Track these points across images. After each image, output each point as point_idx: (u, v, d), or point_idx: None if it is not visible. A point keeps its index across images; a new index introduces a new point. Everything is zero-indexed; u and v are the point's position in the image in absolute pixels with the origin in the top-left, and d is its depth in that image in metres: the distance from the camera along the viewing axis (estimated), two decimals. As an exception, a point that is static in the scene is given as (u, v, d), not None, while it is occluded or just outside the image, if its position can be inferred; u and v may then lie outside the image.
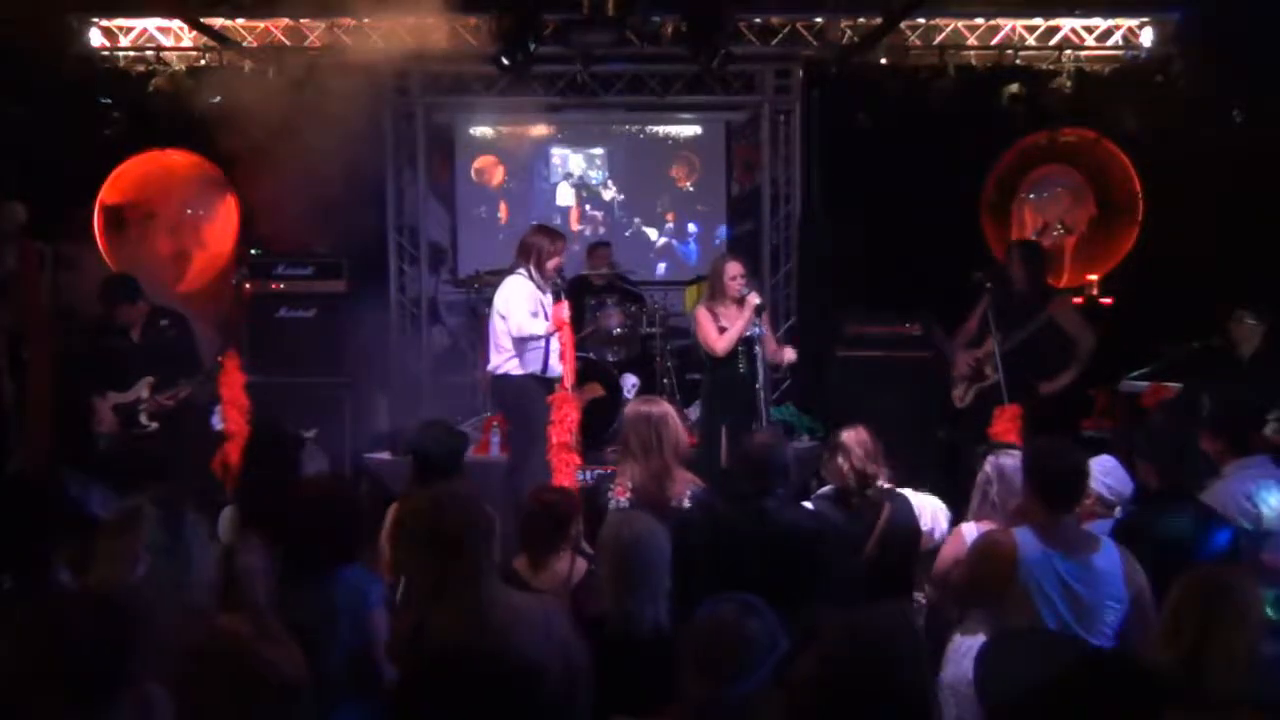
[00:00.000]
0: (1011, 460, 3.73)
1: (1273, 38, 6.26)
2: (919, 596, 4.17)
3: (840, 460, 4.07)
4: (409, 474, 4.29)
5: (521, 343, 5.76)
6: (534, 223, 6.91)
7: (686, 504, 4.07)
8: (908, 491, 4.16)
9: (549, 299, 5.85)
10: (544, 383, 5.78)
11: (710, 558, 3.58)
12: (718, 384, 6.07)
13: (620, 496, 4.14)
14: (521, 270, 5.86)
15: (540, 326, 5.72)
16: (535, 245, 5.84)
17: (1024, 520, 3.37)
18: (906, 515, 4.06)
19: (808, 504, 4.16)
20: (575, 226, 9.08)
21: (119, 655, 2.10)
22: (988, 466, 3.84)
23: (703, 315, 6.02)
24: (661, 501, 4.04)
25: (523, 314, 5.74)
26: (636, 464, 4.13)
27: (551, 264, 5.82)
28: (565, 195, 9.17)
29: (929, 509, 4.14)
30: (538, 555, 3.60)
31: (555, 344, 5.78)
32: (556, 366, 5.77)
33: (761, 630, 2.35)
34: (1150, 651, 2.66)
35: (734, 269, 5.98)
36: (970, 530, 3.75)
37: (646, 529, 3.04)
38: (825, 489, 4.25)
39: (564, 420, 5.41)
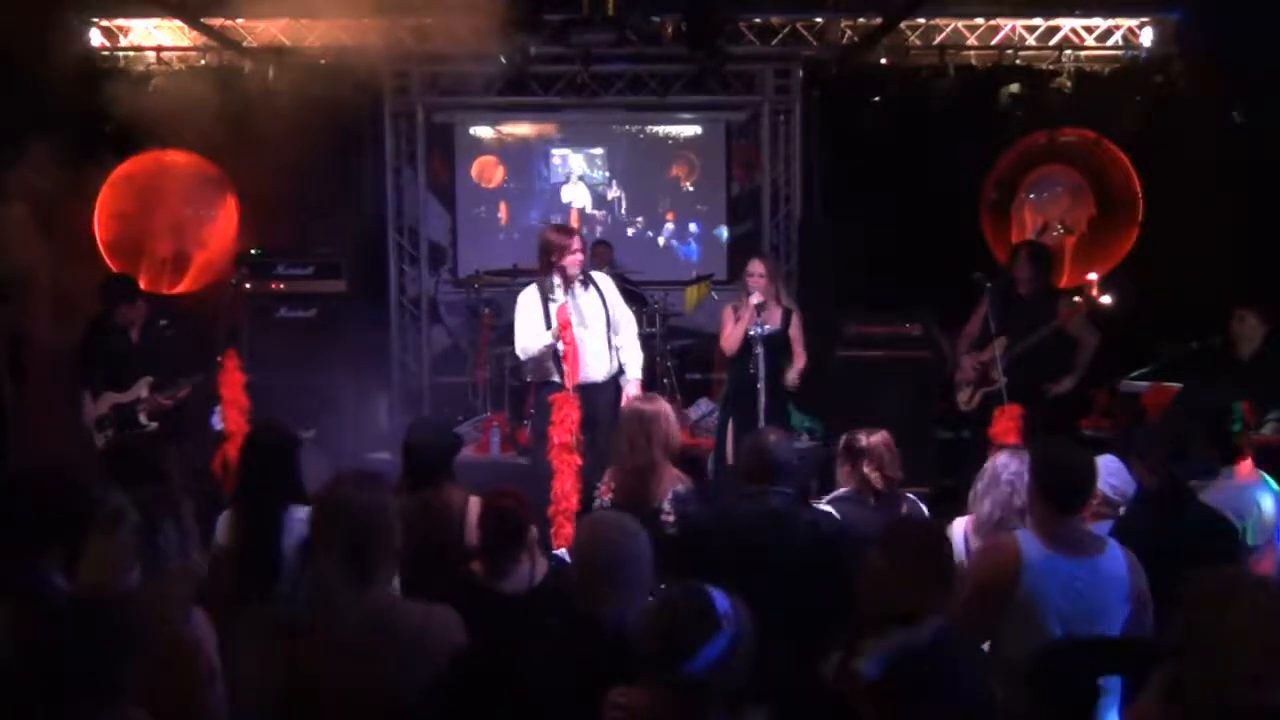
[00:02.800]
0: (1007, 459, 3.71)
1: (1273, 38, 6.26)
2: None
3: (867, 468, 4.04)
4: (400, 471, 4.28)
5: (531, 356, 5.56)
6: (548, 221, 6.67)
7: (666, 504, 4.06)
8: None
9: (571, 299, 5.47)
10: (585, 389, 5.44)
11: (724, 558, 3.53)
12: (732, 382, 6.24)
13: (605, 496, 4.13)
14: (539, 279, 5.56)
15: (543, 339, 5.41)
16: (546, 244, 5.51)
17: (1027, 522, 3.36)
18: (921, 517, 4.06)
19: (826, 505, 4.13)
20: (575, 226, 9.07)
21: (108, 664, 2.07)
22: (986, 467, 3.81)
23: (726, 313, 6.21)
24: (643, 499, 4.02)
25: (523, 334, 5.49)
26: (623, 461, 4.12)
27: (568, 261, 5.42)
28: (571, 194, 9.17)
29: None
30: (497, 560, 3.52)
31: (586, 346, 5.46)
32: (589, 370, 5.47)
33: (703, 614, 2.38)
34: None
35: (752, 267, 6.12)
36: (958, 528, 3.75)
37: (626, 531, 3.00)
38: (843, 490, 4.19)
39: (564, 421, 5.33)
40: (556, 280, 5.44)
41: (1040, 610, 3.14)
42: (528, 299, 5.55)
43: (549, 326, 5.41)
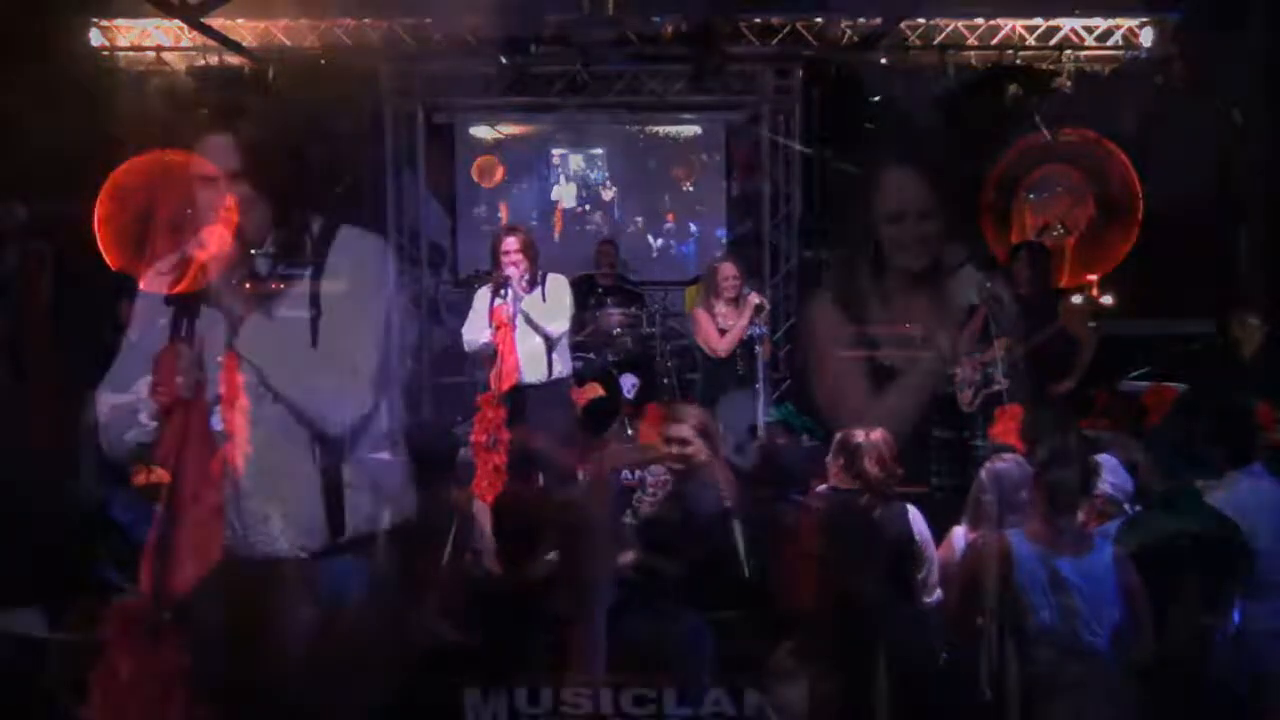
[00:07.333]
0: (1005, 464, 3.71)
1: (1272, 38, 6.26)
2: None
3: (867, 463, 3.97)
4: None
5: (474, 356, 5.67)
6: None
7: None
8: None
9: (511, 300, 5.45)
10: (519, 391, 5.47)
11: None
12: (716, 383, 6.11)
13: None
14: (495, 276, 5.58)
15: (481, 338, 5.49)
16: (491, 244, 5.62)
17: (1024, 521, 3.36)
18: (902, 521, 3.99)
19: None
20: (558, 227, 9.06)
21: None
22: (982, 473, 3.82)
23: (701, 316, 6.07)
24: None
25: (468, 327, 5.60)
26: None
27: (505, 262, 5.42)
28: (559, 193, 9.17)
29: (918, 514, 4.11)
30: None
31: (520, 348, 5.47)
32: (523, 373, 5.45)
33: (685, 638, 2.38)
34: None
35: (727, 270, 6.05)
36: (959, 535, 3.75)
37: None
38: (822, 488, 4.15)
39: (483, 420, 5.35)
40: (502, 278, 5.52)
41: (1031, 608, 3.16)
42: (480, 296, 5.63)
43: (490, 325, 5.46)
